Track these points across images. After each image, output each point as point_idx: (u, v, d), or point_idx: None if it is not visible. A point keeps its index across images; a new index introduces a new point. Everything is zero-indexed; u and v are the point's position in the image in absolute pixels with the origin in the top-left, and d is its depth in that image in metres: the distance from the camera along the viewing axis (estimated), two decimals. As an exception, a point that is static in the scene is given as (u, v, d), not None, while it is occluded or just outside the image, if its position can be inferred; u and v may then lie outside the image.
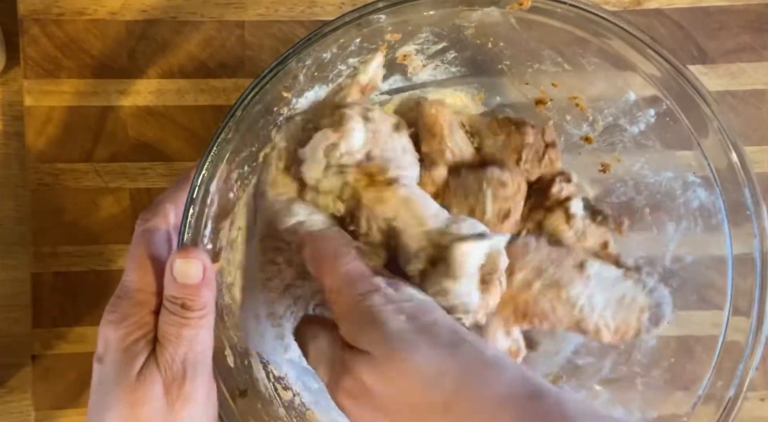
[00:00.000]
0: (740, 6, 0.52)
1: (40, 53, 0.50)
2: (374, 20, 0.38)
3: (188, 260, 0.34)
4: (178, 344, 0.34)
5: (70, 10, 0.50)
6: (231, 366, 0.40)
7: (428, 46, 0.43)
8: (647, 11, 0.52)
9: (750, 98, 0.52)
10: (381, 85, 0.44)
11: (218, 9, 0.51)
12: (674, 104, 0.40)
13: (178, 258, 0.34)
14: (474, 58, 0.44)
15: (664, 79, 0.40)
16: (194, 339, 0.34)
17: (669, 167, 0.43)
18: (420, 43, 0.42)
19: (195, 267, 0.34)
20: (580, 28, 0.39)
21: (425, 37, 0.42)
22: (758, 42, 0.52)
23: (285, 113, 0.41)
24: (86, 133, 0.50)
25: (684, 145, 0.41)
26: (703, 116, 0.39)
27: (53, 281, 0.49)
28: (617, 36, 0.39)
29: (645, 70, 0.40)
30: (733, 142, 0.39)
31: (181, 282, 0.34)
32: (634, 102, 0.42)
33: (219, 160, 0.37)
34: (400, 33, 0.41)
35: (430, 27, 0.41)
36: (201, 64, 0.51)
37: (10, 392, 0.50)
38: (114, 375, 0.33)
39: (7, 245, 0.50)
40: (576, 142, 0.47)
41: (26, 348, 0.49)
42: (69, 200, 0.50)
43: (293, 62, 0.37)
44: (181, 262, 0.34)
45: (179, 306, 0.34)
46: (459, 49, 0.44)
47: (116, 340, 0.34)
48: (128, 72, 0.50)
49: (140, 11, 0.50)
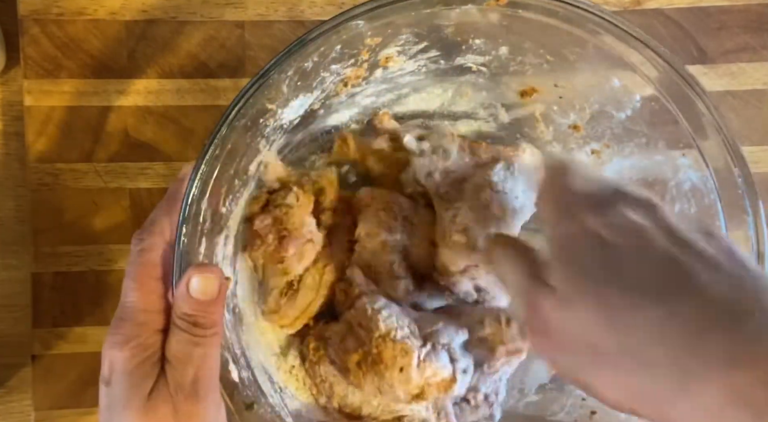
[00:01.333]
0: (740, 6, 0.52)
1: (40, 53, 0.50)
2: (353, 26, 0.38)
3: (207, 277, 0.34)
4: (188, 364, 0.34)
5: (70, 10, 0.50)
6: (236, 381, 0.40)
7: (409, 47, 0.43)
8: (647, 11, 0.52)
9: (750, 98, 0.52)
10: (366, 88, 0.46)
11: (218, 9, 0.51)
12: (672, 103, 0.40)
13: (195, 275, 0.34)
14: (450, 55, 0.45)
15: (660, 77, 0.40)
16: (204, 358, 0.34)
17: (659, 150, 0.43)
18: (401, 45, 0.43)
19: (212, 283, 0.34)
20: (570, 23, 0.40)
21: (406, 38, 0.42)
22: (758, 42, 0.52)
23: (271, 124, 0.42)
24: (86, 133, 0.50)
25: (673, 134, 0.41)
26: (699, 115, 0.40)
27: (53, 281, 0.49)
28: (602, 28, 0.39)
29: (632, 59, 0.40)
30: (731, 143, 0.39)
31: (196, 299, 0.34)
32: (620, 87, 0.42)
33: (209, 176, 0.37)
34: (380, 36, 0.41)
35: (409, 28, 0.41)
36: (201, 64, 0.51)
37: (10, 392, 0.50)
38: (123, 398, 0.33)
39: (7, 245, 0.50)
40: (565, 131, 0.47)
41: (26, 348, 0.49)
42: (69, 200, 0.50)
43: (275, 74, 0.37)
44: (198, 279, 0.34)
45: (191, 324, 0.34)
46: (440, 48, 0.44)
47: (122, 362, 0.33)
48: (128, 72, 0.50)
49: (140, 11, 0.50)
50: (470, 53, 0.44)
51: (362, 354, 0.41)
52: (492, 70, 0.45)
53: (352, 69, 0.43)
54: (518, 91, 0.46)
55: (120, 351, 0.33)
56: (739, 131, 0.52)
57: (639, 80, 0.40)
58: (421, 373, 0.41)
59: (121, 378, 0.33)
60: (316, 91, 0.43)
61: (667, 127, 0.41)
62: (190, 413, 0.34)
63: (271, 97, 0.39)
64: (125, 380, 0.33)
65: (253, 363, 0.44)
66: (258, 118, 0.40)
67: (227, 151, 0.38)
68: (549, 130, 0.47)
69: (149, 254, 0.36)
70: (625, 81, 0.41)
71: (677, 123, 0.40)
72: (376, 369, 0.41)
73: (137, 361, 0.34)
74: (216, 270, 0.34)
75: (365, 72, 0.44)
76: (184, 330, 0.34)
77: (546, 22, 0.39)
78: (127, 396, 0.33)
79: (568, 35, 0.40)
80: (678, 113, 0.40)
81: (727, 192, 0.40)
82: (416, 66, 0.45)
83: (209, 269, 0.34)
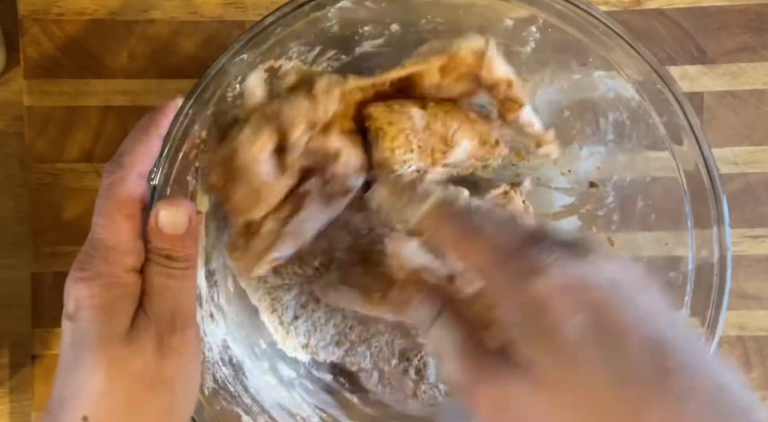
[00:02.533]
0: (740, 6, 0.52)
1: (40, 53, 0.50)
2: (239, 61, 0.39)
3: (174, 209, 0.33)
4: (165, 295, 0.34)
5: (70, 10, 0.50)
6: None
7: (305, 56, 0.43)
8: (647, 11, 0.52)
9: (750, 98, 0.52)
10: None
11: (218, 9, 0.51)
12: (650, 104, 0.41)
13: (163, 209, 0.33)
14: (348, 49, 0.45)
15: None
16: (181, 290, 0.34)
17: (573, 69, 0.44)
18: (296, 55, 0.43)
19: (182, 216, 0.33)
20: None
21: (297, 49, 0.42)
22: (758, 42, 0.52)
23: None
24: (86, 133, 0.50)
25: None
26: (675, 118, 0.40)
27: (53, 281, 0.49)
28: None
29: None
30: (703, 149, 0.40)
31: (166, 233, 0.33)
32: (514, 25, 0.43)
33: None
34: (272, 58, 0.41)
35: (295, 41, 0.42)
36: (201, 64, 0.51)
37: (10, 392, 0.50)
38: (95, 333, 0.33)
39: (7, 245, 0.50)
40: None
41: (26, 348, 0.49)
42: (69, 200, 0.50)
43: (183, 130, 0.39)
44: (166, 212, 0.33)
45: (164, 257, 0.33)
46: (335, 46, 0.44)
47: (91, 298, 0.33)
48: (128, 72, 0.50)
49: (140, 11, 0.50)
50: (366, 40, 0.44)
51: None
52: (394, 46, 0.45)
53: None
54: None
55: (89, 287, 0.33)
56: (739, 131, 0.52)
57: (530, 13, 0.41)
58: None
59: (90, 314, 0.33)
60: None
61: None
62: (169, 345, 0.33)
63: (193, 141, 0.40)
64: (96, 315, 0.33)
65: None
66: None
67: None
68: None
69: (119, 188, 0.34)
70: (513, 15, 0.42)
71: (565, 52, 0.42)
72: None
73: (111, 297, 0.33)
74: (184, 204, 0.34)
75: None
76: (158, 263, 0.34)
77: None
78: (99, 331, 0.32)
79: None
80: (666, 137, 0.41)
81: (696, 194, 0.41)
82: (320, 69, 0.45)
83: (177, 202, 0.34)
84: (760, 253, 0.52)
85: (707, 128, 0.51)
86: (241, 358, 0.45)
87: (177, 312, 0.34)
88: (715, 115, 0.52)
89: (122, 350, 0.33)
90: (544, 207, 0.49)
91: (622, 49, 0.40)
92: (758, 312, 0.52)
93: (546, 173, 0.49)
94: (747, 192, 0.52)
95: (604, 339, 0.25)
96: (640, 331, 0.25)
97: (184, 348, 0.34)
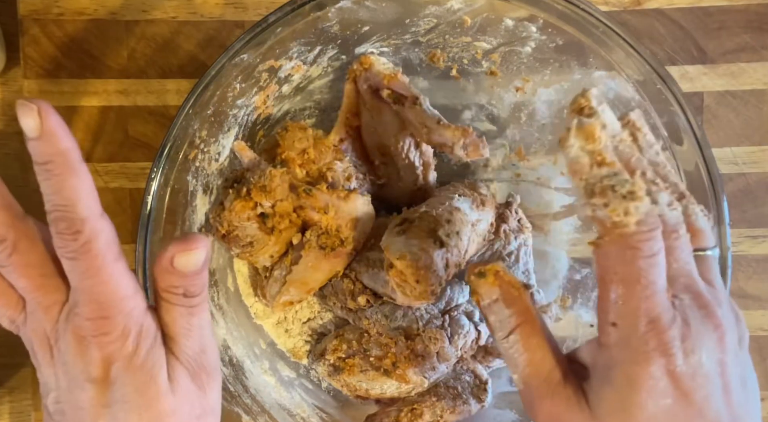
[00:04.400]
0: (740, 6, 0.52)
1: (40, 53, 0.50)
2: (239, 61, 0.40)
3: (194, 252, 0.31)
4: (193, 336, 0.32)
5: (70, 10, 0.50)
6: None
7: (305, 55, 0.43)
8: (647, 11, 0.52)
9: (750, 98, 0.52)
10: (282, 105, 0.46)
11: (218, 9, 0.51)
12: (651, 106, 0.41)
13: (179, 253, 0.31)
14: (348, 49, 0.45)
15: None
16: (205, 325, 0.33)
17: (573, 69, 0.44)
18: (297, 55, 0.43)
19: (197, 256, 0.31)
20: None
21: (297, 49, 0.43)
22: (758, 42, 0.52)
23: (207, 168, 0.43)
24: (86, 133, 0.50)
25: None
26: (675, 118, 0.41)
27: (53, 281, 0.49)
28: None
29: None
30: (703, 149, 0.40)
31: (181, 271, 0.31)
32: (514, 25, 0.43)
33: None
34: (272, 58, 0.41)
35: (296, 41, 0.42)
36: (201, 64, 0.51)
37: (10, 392, 0.50)
38: (138, 396, 0.31)
39: (7, 245, 0.50)
40: (485, 79, 0.48)
41: (26, 349, 0.49)
42: (69, 200, 0.49)
43: (183, 129, 0.39)
44: (183, 255, 0.31)
45: (182, 295, 0.32)
46: (335, 46, 0.44)
47: (125, 359, 0.31)
48: (128, 72, 0.50)
49: (140, 11, 0.50)
50: (366, 41, 0.44)
51: (392, 356, 0.43)
52: (395, 45, 0.45)
53: (258, 96, 0.43)
54: (427, 57, 0.47)
55: (120, 348, 0.30)
56: (739, 131, 0.52)
57: (530, 13, 0.42)
58: (455, 346, 0.44)
59: (129, 378, 0.31)
60: (235, 128, 0.44)
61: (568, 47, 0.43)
62: (207, 378, 0.33)
63: (193, 141, 0.41)
64: (137, 377, 0.31)
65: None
66: (188, 157, 0.41)
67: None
68: (470, 82, 0.48)
69: (95, 243, 0.29)
70: (513, 15, 0.42)
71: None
72: (416, 362, 0.43)
73: (144, 353, 0.31)
74: (200, 243, 0.31)
75: (275, 92, 0.44)
76: (177, 303, 0.32)
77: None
78: (143, 393, 0.31)
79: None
80: (666, 139, 0.41)
81: (697, 194, 0.41)
82: (321, 69, 0.46)
83: (193, 244, 0.31)
84: (760, 253, 0.52)
85: (707, 128, 0.51)
86: (240, 358, 0.45)
87: (206, 347, 0.33)
88: (715, 115, 0.52)
89: (169, 405, 0.31)
90: (544, 207, 0.49)
91: (622, 49, 0.40)
92: (758, 312, 0.52)
93: (546, 173, 0.49)
94: (747, 192, 0.52)
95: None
96: None
97: (216, 372, 0.34)
